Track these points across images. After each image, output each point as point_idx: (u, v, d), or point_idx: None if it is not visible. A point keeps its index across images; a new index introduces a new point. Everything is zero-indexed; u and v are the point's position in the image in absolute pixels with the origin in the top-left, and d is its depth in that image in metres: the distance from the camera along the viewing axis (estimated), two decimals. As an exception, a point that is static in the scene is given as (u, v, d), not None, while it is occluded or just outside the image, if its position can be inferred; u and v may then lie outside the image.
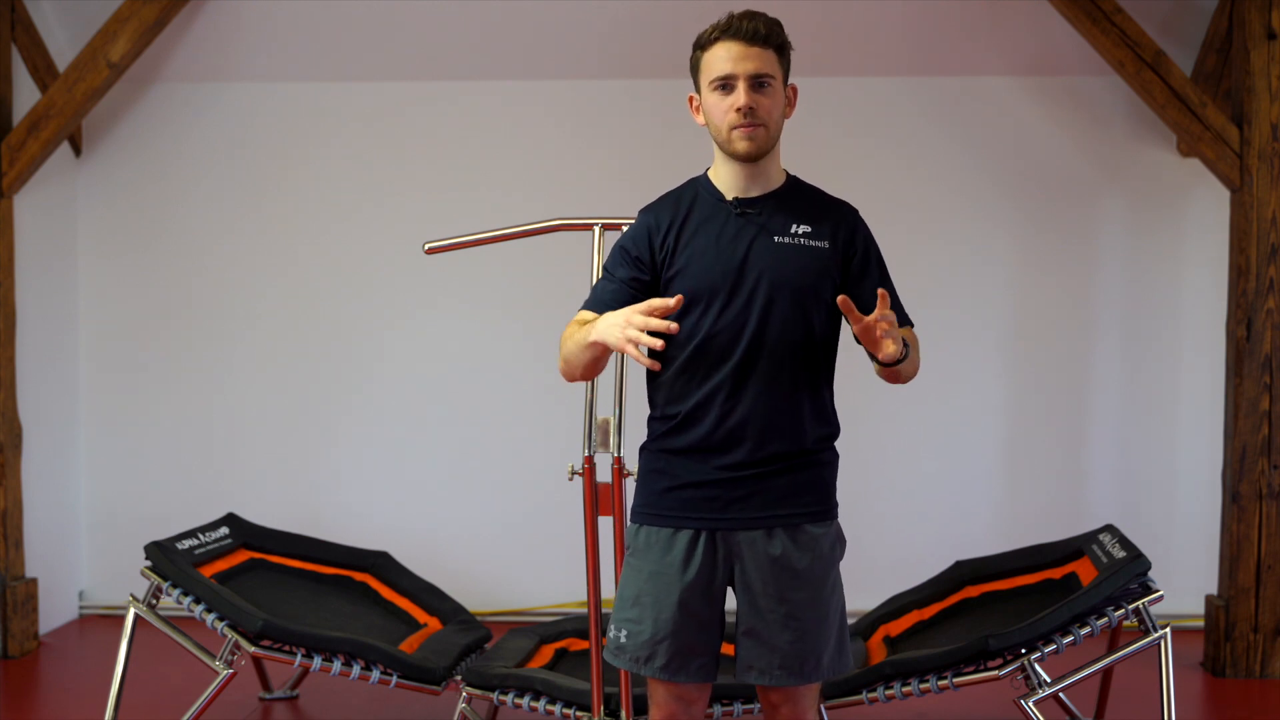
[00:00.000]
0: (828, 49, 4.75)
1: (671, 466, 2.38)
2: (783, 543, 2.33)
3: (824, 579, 2.36)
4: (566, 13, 4.64)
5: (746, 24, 2.29)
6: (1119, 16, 4.20)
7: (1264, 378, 4.22)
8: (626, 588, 2.41)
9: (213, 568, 3.67)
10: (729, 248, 2.34)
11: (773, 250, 2.34)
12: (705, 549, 2.35)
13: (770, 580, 2.33)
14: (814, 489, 2.39)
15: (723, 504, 2.34)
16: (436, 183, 4.95)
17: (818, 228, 2.37)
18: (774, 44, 2.32)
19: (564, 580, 4.86)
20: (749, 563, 2.34)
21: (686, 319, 2.34)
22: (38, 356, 4.72)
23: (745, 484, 2.34)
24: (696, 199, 2.42)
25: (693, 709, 2.43)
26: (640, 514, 2.43)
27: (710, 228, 2.37)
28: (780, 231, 2.36)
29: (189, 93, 4.95)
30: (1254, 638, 4.23)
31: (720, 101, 2.32)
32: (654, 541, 2.38)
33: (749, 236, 2.35)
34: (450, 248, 3.19)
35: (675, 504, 2.37)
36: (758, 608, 2.34)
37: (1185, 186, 4.84)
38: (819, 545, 2.37)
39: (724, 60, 2.30)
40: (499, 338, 4.97)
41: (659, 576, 2.35)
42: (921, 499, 4.93)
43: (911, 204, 4.90)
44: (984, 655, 3.12)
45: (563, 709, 3.20)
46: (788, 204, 2.39)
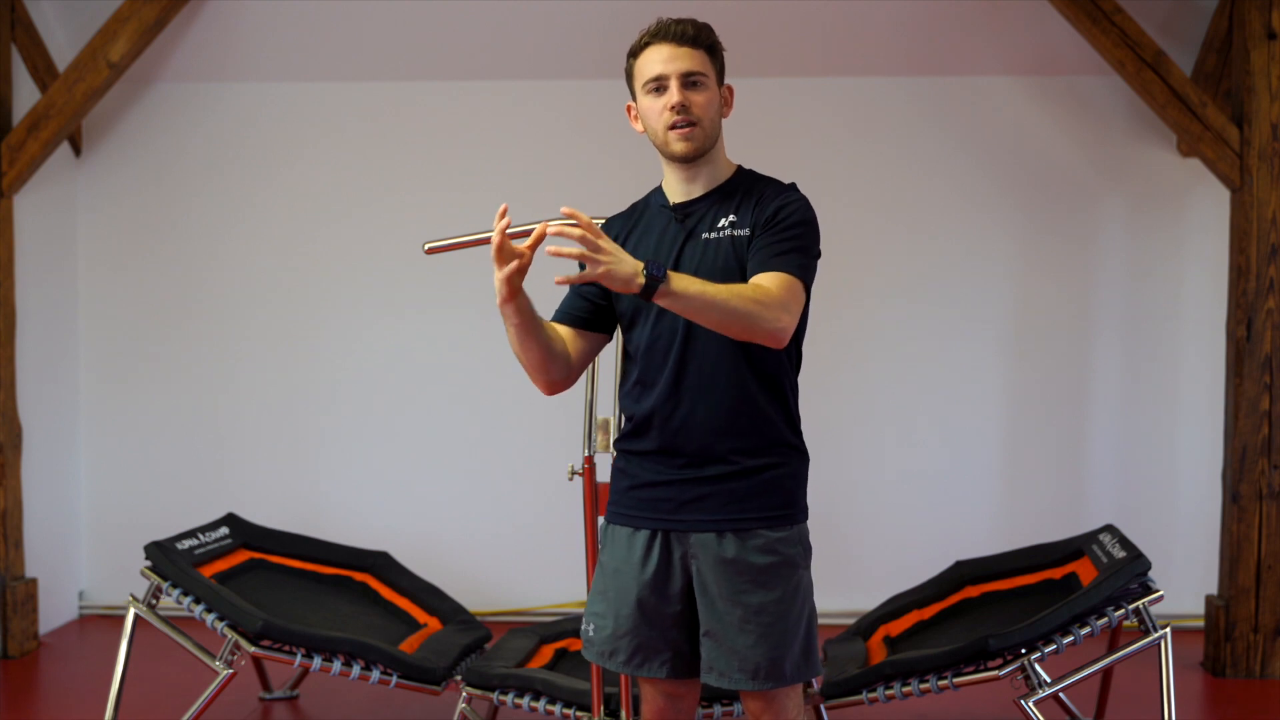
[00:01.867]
0: (828, 49, 4.75)
1: (631, 467, 2.42)
2: (735, 546, 2.33)
3: (783, 583, 2.33)
4: (566, 13, 4.64)
5: (675, 26, 2.35)
6: (1119, 16, 4.20)
7: (1264, 378, 4.22)
8: (596, 583, 2.46)
9: (213, 568, 3.67)
10: (662, 254, 2.37)
11: (699, 249, 2.35)
12: (661, 549, 2.37)
13: (724, 583, 2.33)
14: (770, 493, 2.35)
15: (675, 505, 2.36)
16: (436, 183, 4.95)
17: (743, 216, 2.36)
18: (704, 44, 2.36)
19: (564, 580, 4.86)
20: (704, 564, 2.35)
21: (635, 329, 2.39)
22: (38, 356, 4.72)
23: (697, 486, 2.35)
24: (647, 208, 2.47)
25: (680, 704, 2.45)
26: (609, 512, 2.47)
27: (650, 236, 2.41)
28: (708, 228, 2.36)
29: (189, 93, 4.96)
30: (1254, 638, 4.23)
31: (654, 103, 2.35)
32: (618, 539, 2.42)
33: (680, 239, 2.37)
34: (450, 248, 3.18)
35: (634, 504, 2.40)
36: (715, 610, 2.34)
37: (1185, 186, 4.84)
38: (775, 549, 2.34)
39: (655, 63, 2.34)
40: (499, 338, 4.92)
41: (620, 574, 2.39)
42: (921, 499, 4.92)
43: (911, 204, 4.90)
44: (984, 655, 3.12)
45: (563, 709, 3.20)
46: (724, 199, 2.39)
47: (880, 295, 4.89)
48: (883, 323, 4.90)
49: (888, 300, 4.88)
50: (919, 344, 4.91)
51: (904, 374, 4.89)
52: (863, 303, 4.87)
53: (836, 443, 4.67)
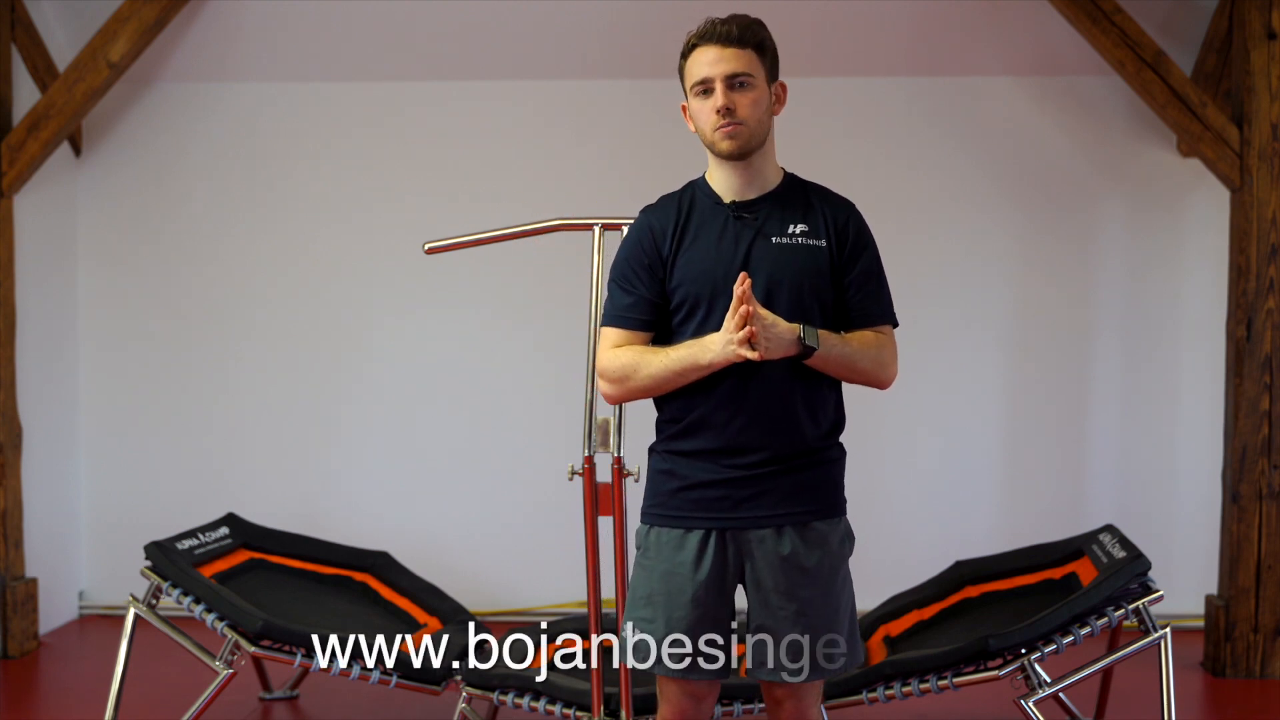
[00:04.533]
0: (828, 49, 4.75)
1: (680, 468, 2.40)
2: (792, 541, 2.36)
3: (834, 575, 2.39)
4: (566, 13, 4.64)
5: (721, 27, 2.35)
6: (1119, 16, 4.20)
7: (1264, 378, 4.22)
8: (639, 588, 2.43)
9: (213, 568, 3.67)
10: (728, 251, 2.36)
11: (771, 251, 2.36)
12: (716, 548, 2.37)
13: (781, 578, 2.35)
14: (822, 486, 2.41)
15: (732, 503, 2.37)
16: (436, 183, 4.95)
17: (814, 226, 2.40)
18: (751, 43, 2.36)
19: (564, 580, 4.86)
20: (759, 561, 2.36)
21: (689, 323, 2.37)
22: (38, 356, 4.72)
23: (753, 483, 2.36)
24: (695, 202, 2.44)
25: (703, 705, 2.45)
26: (651, 515, 2.45)
27: (709, 231, 2.39)
28: (777, 232, 2.38)
29: (189, 93, 4.95)
30: (1254, 638, 4.23)
31: (703, 105, 2.37)
32: (665, 541, 2.40)
33: (748, 239, 2.37)
34: (450, 248, 3.19)
35: (685, 505, 2.39)
36: (769, 605, 2.36)
37: (1185, 186, 4.84)
38: (828, 542, 2.39)
39: (702, 65, 2.35)
40: (499, 338, 4.97)
41: (671, 576, 2.38)
42: (921, 499, 4.93)
43: (911, 204, 4.90)
44: (984, 655, 3.12)
45: (563, 709, 3.20)
46: (784, 204, 2.41)
47: (880, 295, 4.89)
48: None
49: (888, 300, 4.88)
50: (919, 344, 4.89)
51: (904, 374, 4.82)
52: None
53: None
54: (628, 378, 2.37)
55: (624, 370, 2.37)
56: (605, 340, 2.43)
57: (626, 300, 2.41)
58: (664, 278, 2.40)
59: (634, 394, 2.40)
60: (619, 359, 2.38)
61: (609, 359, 2.40)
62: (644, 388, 2.37)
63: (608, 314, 2.44)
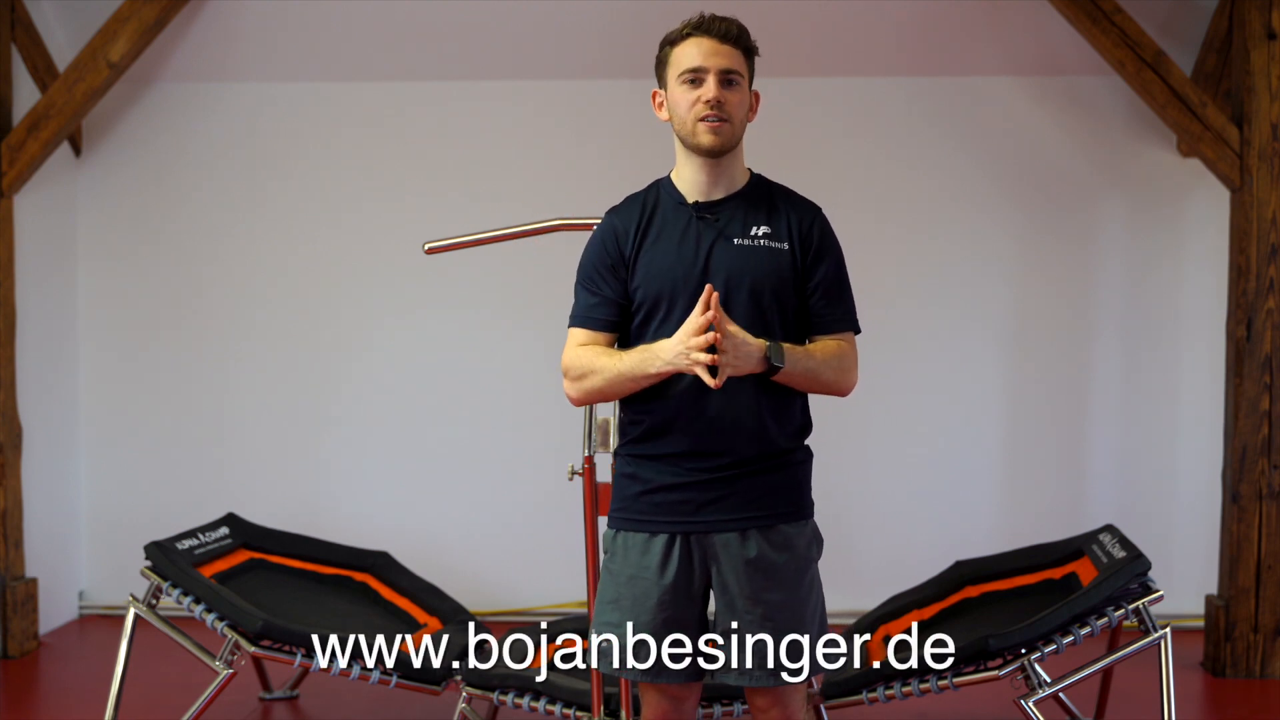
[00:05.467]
0: (828, 49, 4.75)
1: (643, 471, 2.40)
2: (758, 544, 2.34)
3: (800, 578, 2.37)
4: (566, 13, 4.64)
5: (720, 23, 2.37)
6: (1119, 16, 4.20)
7: (1264, 378, 4.22)
8: (605, 591, 2.42)
9: (213, 568, 3.67)
10: (689, 252, 2.36)
11: (732, 253, 2.36)
12: (681, 552, 2.36)
13: (746, 581, 2.34)
14: (787, 489, 2.39)
15: (695, 507, 2.35)
16: (436, 183, 4.95)
17: (777, 229, 2.39)
18: (743, 45, 2.39)
19: (564, 580, 4.86)
20: (725, 565, 2.35)
21: (649, 324, 2.37)
22: (38, 356, 4.72)
23: (717, 486, 2.35)
24: (659, 202, 2.44)
25: (683, 706, 2.44)
26: (617, 519, 2.44)
27: (671, 232, 2.39)
28: (739, 233, 2.38)
29: (189, 93, 4.96)
30: (1254, 638, 4.23)
31: (688, 94, 2.36)
32: (631, 546, 2.39)
33: (709, 240, 2.37)
34: (450, 248, 3.19)
35: (648, 508, 2.38)
36: (735, 609, 2.35)
37: (1185, 186, 4.84)
38: (794, 545, 2.37)
39: (695, 55, 2.35)
40: (499, 338, 4.97)
41: (637, 580, 2.37)
42: (921, 499, 4.92)
43: (911, 204, 4.90)
44: (984, 655, 3.12)
45: (563, 709, 3.20)
46: (749, 205, 2.41)
47: (880, 295, 4.88)
48: (882, 323, 4.88)
49: (887, 300, 4.87)
50: (919, 344, 4.92)
51: (904, 374, 4.90)
52: (862, 303, 4.78)
53: (836, 443, 4.65)
54: (584, 378, 2.37)
55: (581, 370, 2.37)
56: (570, 340, 2.43)
57: (591, 300, 2.42)
58: (626, 278, 2.40)
59: (593, 396, 2.40)
60: (579, 359, 2.38)
61: (570, 358, 2.40)
62: (600, 390, 2.37)
63: (573, 314, 2.44)
